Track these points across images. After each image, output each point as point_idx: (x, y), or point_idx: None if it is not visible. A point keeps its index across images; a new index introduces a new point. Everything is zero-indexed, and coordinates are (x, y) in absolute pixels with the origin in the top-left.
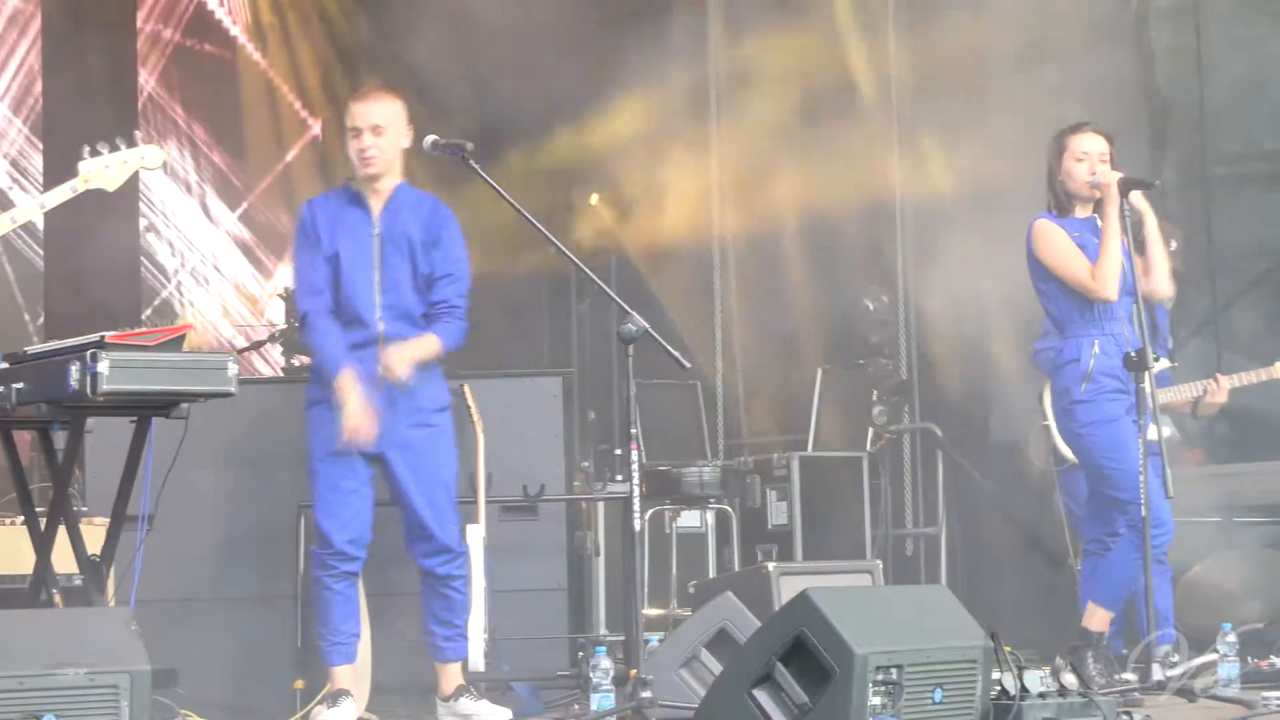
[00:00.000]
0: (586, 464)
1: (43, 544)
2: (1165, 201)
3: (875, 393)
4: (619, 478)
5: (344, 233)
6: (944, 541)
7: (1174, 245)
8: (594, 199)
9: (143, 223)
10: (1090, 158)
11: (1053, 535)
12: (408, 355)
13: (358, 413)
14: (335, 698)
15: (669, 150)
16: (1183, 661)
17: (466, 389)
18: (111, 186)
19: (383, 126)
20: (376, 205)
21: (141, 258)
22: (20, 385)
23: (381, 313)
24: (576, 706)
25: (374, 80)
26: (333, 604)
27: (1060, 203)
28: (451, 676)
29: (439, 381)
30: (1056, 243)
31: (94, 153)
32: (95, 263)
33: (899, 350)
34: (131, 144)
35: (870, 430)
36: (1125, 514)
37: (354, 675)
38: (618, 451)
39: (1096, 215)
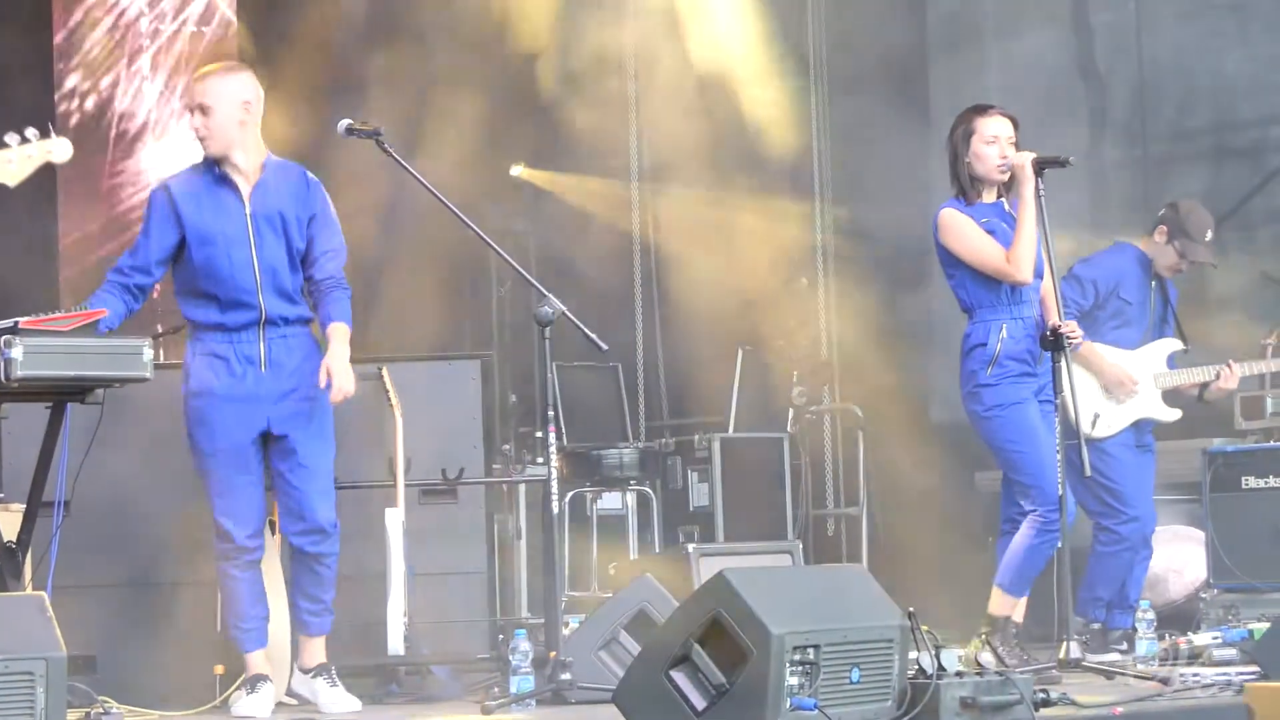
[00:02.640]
0: (507, 447)
1: None
2: (1105, 179)
3: (795, 373)
4: (539, 460)
5: (214, 213)
6: (865, 521)
7: (1209, 236)
8: (518, 170)
9: None
10: (1000, 141)
11: (973, 515)
12: (345, 362)
13: None
14: (254, 683)
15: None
16: (1128, 650)
17: (385, 372)
18: (12, 181)
19: (210, 105)
20: (244, 183)
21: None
22: None
23: (262, 293)
24: (496, 689)
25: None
26: (240, 593)
27: (965, 189)
28: (314, 650)
29: (319, 360)
30: (965, 231)
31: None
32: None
33: (819, 330)
34: (45, 135)
35: (791, 411)
36: (1029, 498)
37: (269, 659)
38: (538, 434)
39: (1003, 199)
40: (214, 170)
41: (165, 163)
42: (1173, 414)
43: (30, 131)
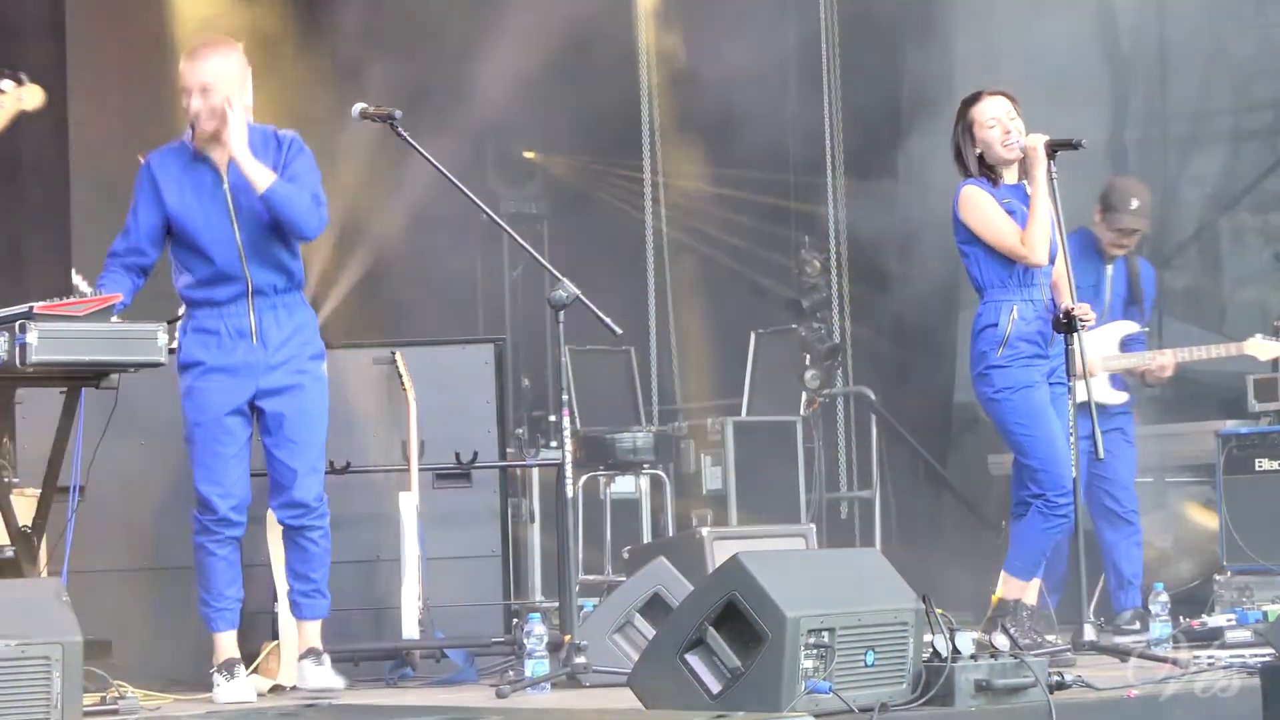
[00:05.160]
0: (521, 430)
1: None
2: (1125, 159)
3: (808, 357)
4: (553, 444)
5: (192, 191)
6: (878, 505)
7: (1135, 204)
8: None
9: None
10: (1000, 121)
11: (982, 497)
12: (239, 130)
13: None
14: (230, 668)
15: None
16: (1141, 629)
17: (399, 357)
18: None
19: (211, 86)
20: (221, 156)
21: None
22: None
23: (248, 265)
24: (511, 673)
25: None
26: (216, 569)
27: (971, 172)
28: (307, 634)
29: (315, 330)
30: (983, 207)
31: None
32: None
33: (831, 314)
34: (18, 83)
35: (803, 394)
36: (1036, 481)
37: (282, 647)
38: (552, 418)
39: (1025, 181)
40: (188, 149)
41: None
42: (1117, 397)
43: (4, 83)
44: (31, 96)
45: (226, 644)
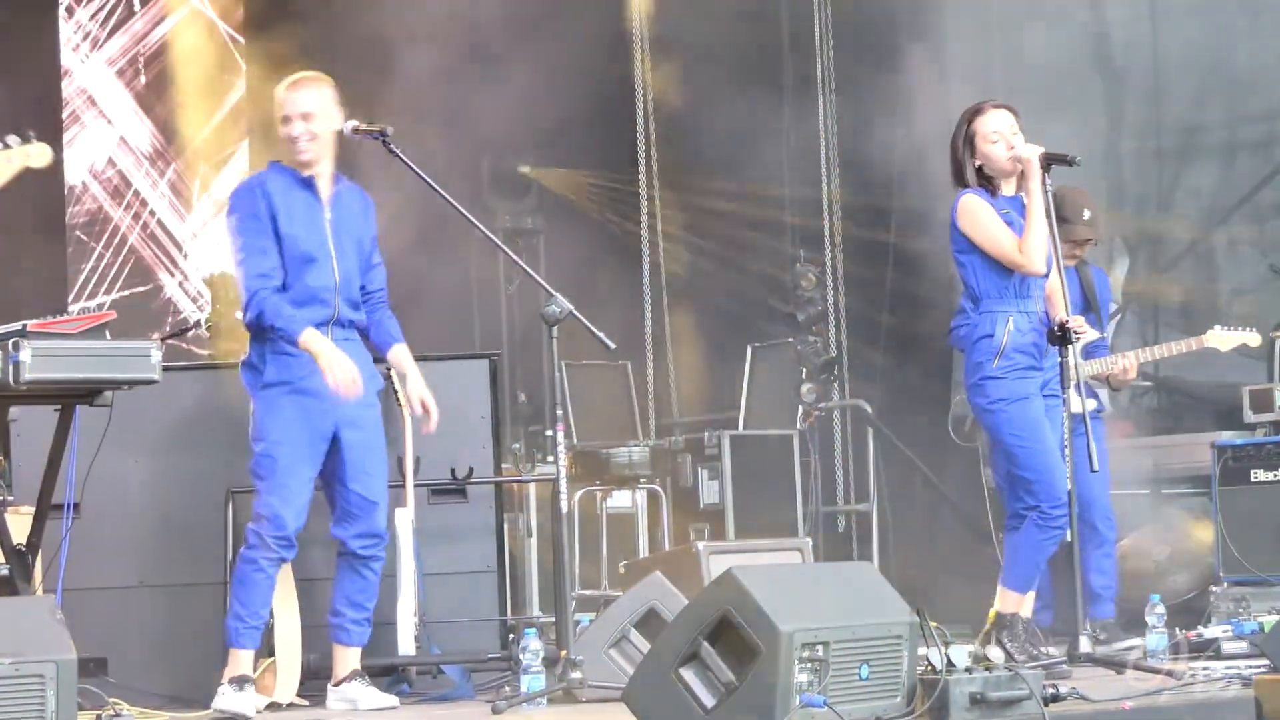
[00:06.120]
0: (517, 446)
1: None
2: (1121, 171)
3: (804, 370)
4: (549, 459)
5: (299, 216)
6: (875, 518)
7: (1087, 215)
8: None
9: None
10: (1004, 135)
11: (979, 510)
12: (424, 385)
13: (340, 363)
14: (242, 682)
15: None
16: (1112, 639)
17: (394, 373)
18: None
19: (313, 113)
20: (324, 190)
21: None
22: None
23: (338, 296)
24: (507, 688)
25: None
26: (260, 586)
27: (973, 181)
28: (349, 660)
29: (373, 366)
30: (982, 217)
31: None
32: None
33: (827, 328)
34: (25, 140)
35: (800, 408)
36: (1031, 493)
37: (281, 663)
38: (548, 433)
39: (1023, 193)
40: (292, 172)
41: None
42: (1087, 405)
43: (10, 138)
44: (40, 155)
45: (244, 660)
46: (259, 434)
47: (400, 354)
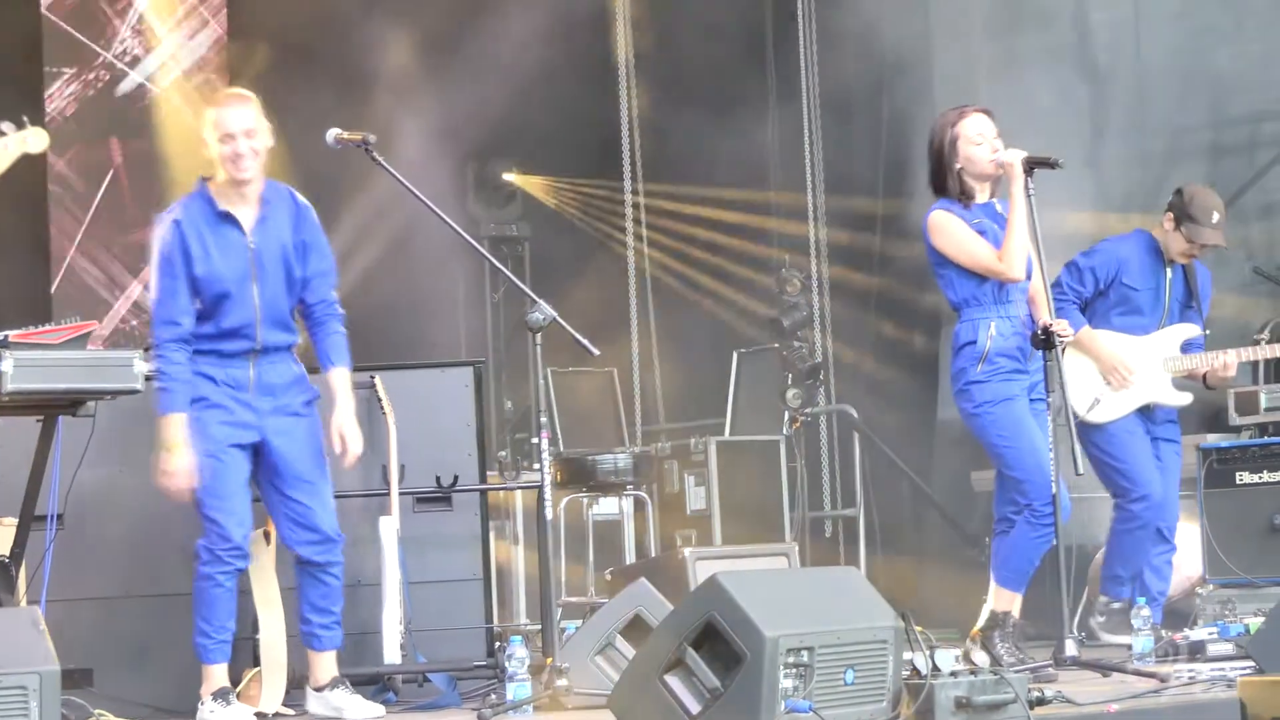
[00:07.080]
0: (503, 453)
1: None
2: (1105, 174)
3: (790, 375)
4: (535, 466)
5: (219, 252)
6: (862, 522)
7: (1216, 218)
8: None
9: None
10: (987, 138)
11: (968, 514)
12: (354, 421)
13: (172, 467)
14: (225, 695)
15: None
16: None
17: (378, 381)
18: None
19: (255, 129)
20: (246, 216)
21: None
22: None
23: (260, 327)
24: (493, 696)
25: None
26: (220, 601)
27: (957, 193)
28: (326, 666)
29: (306, 380)
30: (954, 232)
31: None
32: None
33: (812, 333)
34: (20, 126)
35: (786, 413)
36: (1022, 493)
37: (268, 668)
38: (534, 440)
39: (995, 200)
40: (213, 202)
41: None
42: (1182, 398)
43: (5, 125)
44: (37, 140)
45: (218, 674)
46: (194, 449)
47: (335, 379)
